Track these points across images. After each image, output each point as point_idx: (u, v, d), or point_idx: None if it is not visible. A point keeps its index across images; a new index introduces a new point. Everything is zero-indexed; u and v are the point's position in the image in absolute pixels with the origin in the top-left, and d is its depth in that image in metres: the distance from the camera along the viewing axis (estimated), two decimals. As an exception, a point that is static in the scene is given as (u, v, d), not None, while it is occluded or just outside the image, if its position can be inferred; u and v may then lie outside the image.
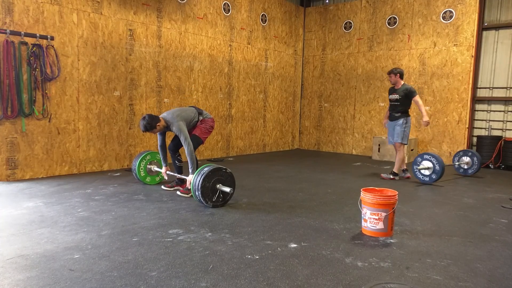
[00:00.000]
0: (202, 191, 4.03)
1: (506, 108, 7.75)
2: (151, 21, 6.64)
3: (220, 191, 4.14)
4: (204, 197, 4.06)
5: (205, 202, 4.09)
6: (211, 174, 4.07)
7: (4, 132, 5.07)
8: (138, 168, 5.11)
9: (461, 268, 2.76)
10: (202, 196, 4.05)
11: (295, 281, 2.48)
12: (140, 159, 5.11)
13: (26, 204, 4.10)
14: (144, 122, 4.47)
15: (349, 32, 9.28)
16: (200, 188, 4.01)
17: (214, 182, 4.10)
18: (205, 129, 4.87)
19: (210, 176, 4.07)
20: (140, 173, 5.14)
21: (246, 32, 8.44)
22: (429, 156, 5.74)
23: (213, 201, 4.13)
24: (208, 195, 4.08)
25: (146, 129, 4.49)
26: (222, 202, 4.20)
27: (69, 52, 5.63)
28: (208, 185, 4.06)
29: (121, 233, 3.28)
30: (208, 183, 4.06)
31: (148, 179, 5.21)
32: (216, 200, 4.15)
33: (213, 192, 4.11)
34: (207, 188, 4.06)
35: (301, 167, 7.19)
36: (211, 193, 4.10)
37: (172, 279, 2.45)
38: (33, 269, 2.54)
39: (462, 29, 7.78)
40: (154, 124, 4.50)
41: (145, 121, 4.46)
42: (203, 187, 4.03)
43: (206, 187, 4.05)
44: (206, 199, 4.08)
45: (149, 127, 4.48)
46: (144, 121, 4.47)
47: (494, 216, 4.17)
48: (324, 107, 9.79)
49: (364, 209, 3.45)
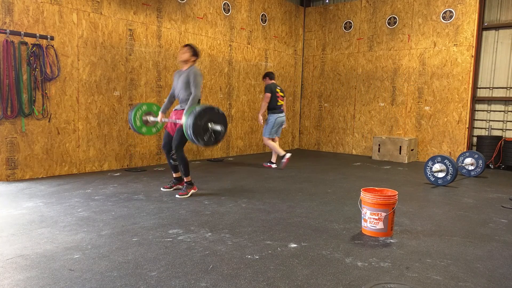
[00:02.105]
0: (194, 129, 4.01)
1: (506, 108, 7.75)
2: (151, 21, 6.64)
3: (212, 130, 4.14)
4: (196, 135, 4.04)
5: (196, 140, 4.07)
6: (203, 113, 4.08)
7: (4, 132, 5.07)
8: (134, 118, 4.94)
9: (461, 268, 2.76)
10: (194, 134, 4.03)
11: (295, 281, 2.48)
12: (136, 109, 4.97)
13: (26, 204, 4.09)
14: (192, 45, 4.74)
15: (349, 32, 9.28)
16: (192, 125, 4.00)
17: (206, 121, 4.10)
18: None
19: (202, 115, 4.06)
20: (136, 123, 4.97)
21: (246, 32, 8.43)
22: (442, 159, 5.70)
23: (204, 140, 4.11)
24: (199, 134, 4.06)
25: (189, 44, 4.70)
26: (214, 142, 4.19)
27: (69, 52, 5.63)
28: (200, 123, 4.04)
29: (121, 233, 3.27)
30: (200, 121, 4.05)
31: (144, 130, 5.07)
32: (208, 139, 4.13)
33: (205, 131, 4.10)
34: (199, 127, 4.04)
35: (301, 167, 7.19)
36: (202, 132, 4.08)
37: (172, 279, 2.45)
38: (33, 269, 2.54)
39: (462, 29, 7.78)
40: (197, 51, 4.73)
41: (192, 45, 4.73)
42: (194, 125, 4.01)
43: (198, 125, 4.03)
44: (198, 138, 4.06)
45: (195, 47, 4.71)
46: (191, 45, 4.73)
47: (494, 216, 4.17)
48: (324, 107, 9.79)
49: (364, 209, 3.45)
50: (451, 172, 5.62)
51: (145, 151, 6.74)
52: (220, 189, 5.08)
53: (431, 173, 5.79)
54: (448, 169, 5.64)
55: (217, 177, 5.90)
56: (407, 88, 8.50)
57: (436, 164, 5.74)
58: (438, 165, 5.72)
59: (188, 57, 4.67)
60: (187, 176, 4.67)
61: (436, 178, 5.74)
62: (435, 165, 5.74)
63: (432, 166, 5.78)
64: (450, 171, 5.62)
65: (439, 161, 5.71)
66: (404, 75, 8.53)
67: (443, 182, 5.69)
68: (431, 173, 5.79)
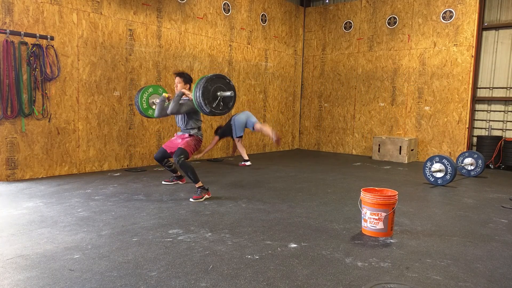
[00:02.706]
0: (203, 92, 4.00)
1: (506, 108, 7.75)
2: (151, 21, 6.64)
3: (221, 97, 4.15)
4: (204, 99, 4.04)
5: (204, 104, 4.06)
6: (215, 79, 4.12)
7: (4, 132, 5.07)
8: (140, 100, 5.04)
9: (461, 268, 2.76)
10: (202, 97, 4.02)
11: (295, 281, 2.48)
12: (142, 91, 5.06)
13: (26, 204, 4.09)
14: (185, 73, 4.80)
15: (349, 32, 9.28)
16: (202, 88, 4.00)
17: (216, 88, 4.11)
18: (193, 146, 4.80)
19: (214, 80, 4.09)
20: (143, 105, 5.07)
21: (246, 32, 8.43)
22: (440, 159, 5.70)
23: (212, 106, 4.11)
24: (208, 98, 4.06)
25: (181, 73, 4.76)
26: (220, 111, 4.20)
27: (69, 52, 5.63)
28: (210, 87, 4.05)
29: (121, 233, 3.27)
30: (211, 86, 4.06)
31: (150, 112, 5.15)
32: (216, 107, 4.14)
33: (214, 98, 4.11)
34: (208, 91, 4.04)
35: (301, 167, 7.19)
36: (211, 98, 4.08)
37: (172, 279, 2.45)
38: (33, 269, 2.54)
39: (462, 29, 7.78)
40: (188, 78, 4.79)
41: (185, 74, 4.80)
42: (204, 88, 4.01)
43: (207, 89, 4.03)
44: (206, 102, 4.05)
45: (187, 75, 4.77)
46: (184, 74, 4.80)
47: (494, 216, 4.17)
48: (324, 107, 9.79)
49: (364, 209, 3.45)
50: (450, 171, 5.62)
51: (145, 151, 6.74)
52: (220, 189, 5.08)
53: (430, 174, 5.79)
54: (447, 169, 5.64)
55: (217, 177, 5.90)
56: (407, 88, 8.50)
57: (434, 164, 5.74)
58: (436, 165, 5.72)
59: (182, 88, 4.73)
60: (197, 182, 4.54)
61: (436, 178, 5.74)
62: (433, 165, 5.75)
63: (430, 166, 5.78)
64: (449, 170, 5.62)
65: (437, 161, 5.72)
66: (404, 75, 8.53)
67: (443, 182, 5.69)
68: (430, 173, 5.79)
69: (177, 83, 4.72)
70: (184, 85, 4.72)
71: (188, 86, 4.75)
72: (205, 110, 4.11)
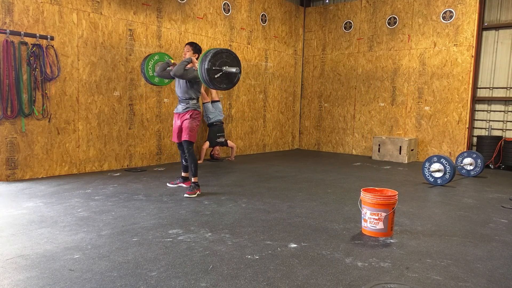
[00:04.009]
0: (209, 66, 4.01)
1: (506, 108, 7.75)
2: (151, 21, 6.64)
3: (226, 73, 4.17)
4: (209, 73, 4.05)
5: (208, 78, 4.07)
6: (222, 53, 4.13)
7: (4, 132, 5.07)
8: (146, 68, 5.06)
9: (461, 268, 2.76)
10: (207, 71, 4.03)
11: (295, 281, 2.48)
12: (148, 58, 5.08)
13: (26, 204, 4.09)
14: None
15: (349, 32, 9.28)
16: (208, 61, 4.01)
17: (221, 62, 4.13)
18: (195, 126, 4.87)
19: (220, 55, 4.11)
20: (149, 73, 5.10)
21: (246, 32, 8.43)
22: (439, 159, 5.70)
23: (216, 81, 4.15)
24: (213, 73, 4.08)
25: (191, 42, 4.87)
26: (223, 87, 4.24)
27: (69, 52, 5.63)
28: (216, 62, 4.07)
29: (121, 233, 3.27)
30: (217, 60, 4.08)
31: (156, 80, 5.18)
32: (219, 81, 4.16)
33: (218, 72, 4.14)
34: (214, 64, 4.04)
35: (301, 167, 7.19)
36: (216, 72, 4.10)
37: (172, 279, 2.45)
38: (33, 269, 2.54)
39: (462, 29, 7.78)
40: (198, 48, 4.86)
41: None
42: (210, 62, 4.01)
43: (213, 63, 4.04)
44: (210, 76, 4.07)
45: (196, 45, 4.85)
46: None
47: (494, 216, 4.17)
48: (324, 107, 9.79)
49: (364, 209, 3.45)
50: (449, 170, 5.62)
51: (145, 151, 6.74)
52: (220, 189, 5.08)
53: (430, 174, 5.80)
54: (446, 168, 5.65)
55: (217, 177, 5.90)
56: (407, 88, 8.50)
57: (433, 164, 5.75)
58: (435, 165, 5.73)
59: (191, 56, 4.81)
60: (195, 176, 4.77)
61: (435, 178, 5.75)
62: (432, 165, 5.76)
63: (429, 166, 5.79)
64: (448, 169, 5.63)
65: (435, 161, 5.72)
66: (404, 75, 8.53)
67: (442, 182, 5.69)
68: (429, 173, 5.80)
69: (185, 51, 4.84)
70: (193, 54, 4.81)
71: (196, 55, 4.84)
72: (209, 84, 4.16)
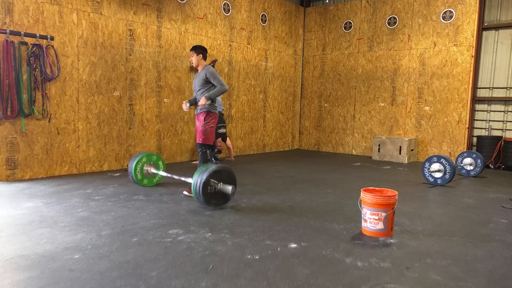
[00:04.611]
0: (204, 183, 3.96)
1: (506, 108, 7.75)
2: (151, 21, 6.64)
3: (220, 190, 4.09)
4: (203, 191, 3.98)
5: (201, 195, 3.99)
6: (220, 171, 4.08)
7: (4, 132, 5.07)
8: (134, 171, 4.94)
9: (461, 268, 2.76)
10: (202, 188, 3.97)
11: (295, 281, 2.48)
12: (136, 162, 4.94)
13: (26, 204, 4.09)
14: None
15: (349, 32, 9.28)
16: (204, 180, 3.96)
17: (216, 181, 4.06)
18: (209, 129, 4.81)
19: (217, 173, 4.04)
20: (137, 176, 4.97)
21: (246, 32, 8.43)
22: (439, 159, 5.70)
23: (208, 199, 4.07)
24: (208, 191, 4.02)
25: (193, 47, 4.81)
26: (215, 204, 4.13)
27: (69, 52, 5.63)
28: (211, 180, 4.01)
29: (121, 233, 3.27)
30: (212, 177, 4.03)
31: (145, 182, 5.06)
32: (212, 198, 4.07)
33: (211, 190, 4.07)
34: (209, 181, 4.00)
35: (301, 167, 7.19)
36: (210, 189, 4.03)
37: (172, 279, 2.45)
38: (33, 269, 2.54)
39: (462, 29, 7.78)
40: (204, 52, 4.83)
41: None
42: (206, 180, 3.97)
43: (208, 181, 3.98)
44: (204, 194, 4.00)
45: (197, 47, 4.82)
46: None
47: (494, 216, 4.17)
48: (324, 107, 9.79)
49: (364, 209, 3.45)
50: (448, 171, 5.62)
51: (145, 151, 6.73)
52: (220, 189, 5.07)
53: (429, 174, 5.80)
54: (446, 168, 5.65)
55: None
56: (407, 88, 8.50)
57: (433, 164, 5.75)
58: (435, 165, 5.73)
59: (196, 60, 4.79)
60: None
61: (435, 179, 5.75)
62: (432, 166, 5.76)
63: (429, 167, 5.79)
64: (448, 169, 5.63)
65: (435, 161, 5.73)
66: (404, 75, 8.53)
67: (442, 182, 5.69)
68: (429, 174, 5.80)
69: (191, 57, 4.83)
70: (197, 55, 4.78)
71: (201, 56, 4.80)
72: (201, 200, 4.04)
